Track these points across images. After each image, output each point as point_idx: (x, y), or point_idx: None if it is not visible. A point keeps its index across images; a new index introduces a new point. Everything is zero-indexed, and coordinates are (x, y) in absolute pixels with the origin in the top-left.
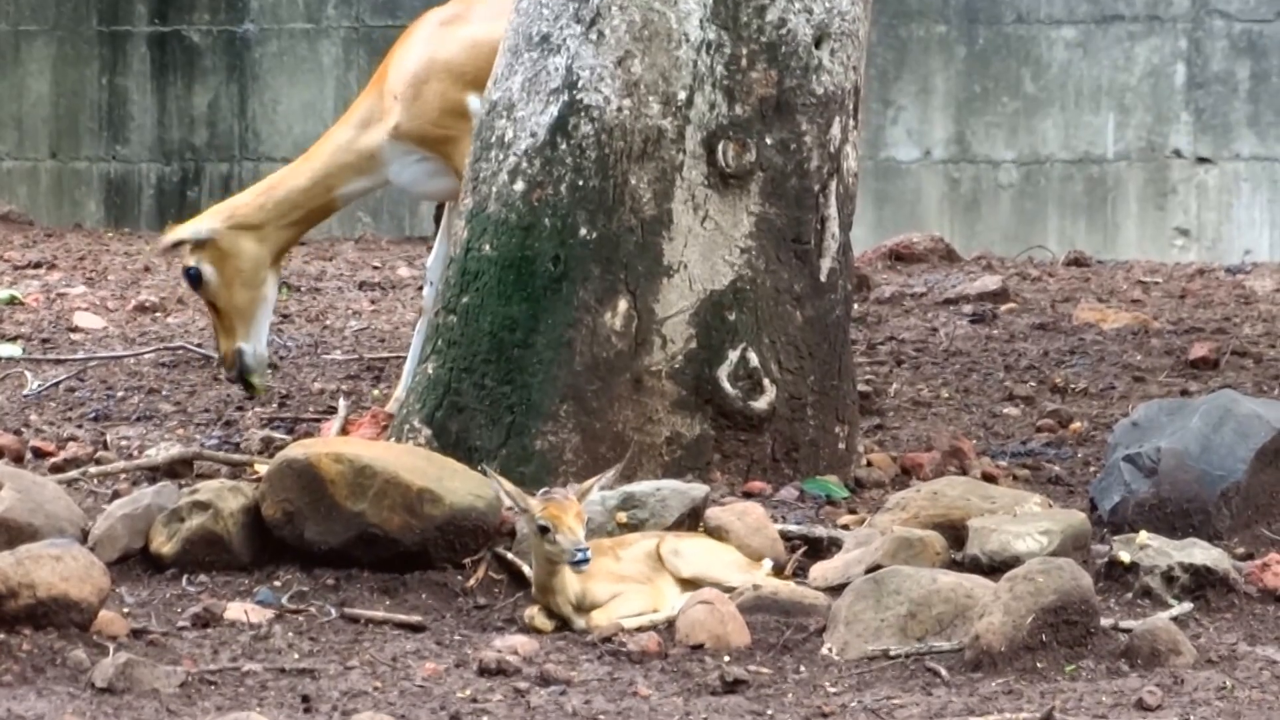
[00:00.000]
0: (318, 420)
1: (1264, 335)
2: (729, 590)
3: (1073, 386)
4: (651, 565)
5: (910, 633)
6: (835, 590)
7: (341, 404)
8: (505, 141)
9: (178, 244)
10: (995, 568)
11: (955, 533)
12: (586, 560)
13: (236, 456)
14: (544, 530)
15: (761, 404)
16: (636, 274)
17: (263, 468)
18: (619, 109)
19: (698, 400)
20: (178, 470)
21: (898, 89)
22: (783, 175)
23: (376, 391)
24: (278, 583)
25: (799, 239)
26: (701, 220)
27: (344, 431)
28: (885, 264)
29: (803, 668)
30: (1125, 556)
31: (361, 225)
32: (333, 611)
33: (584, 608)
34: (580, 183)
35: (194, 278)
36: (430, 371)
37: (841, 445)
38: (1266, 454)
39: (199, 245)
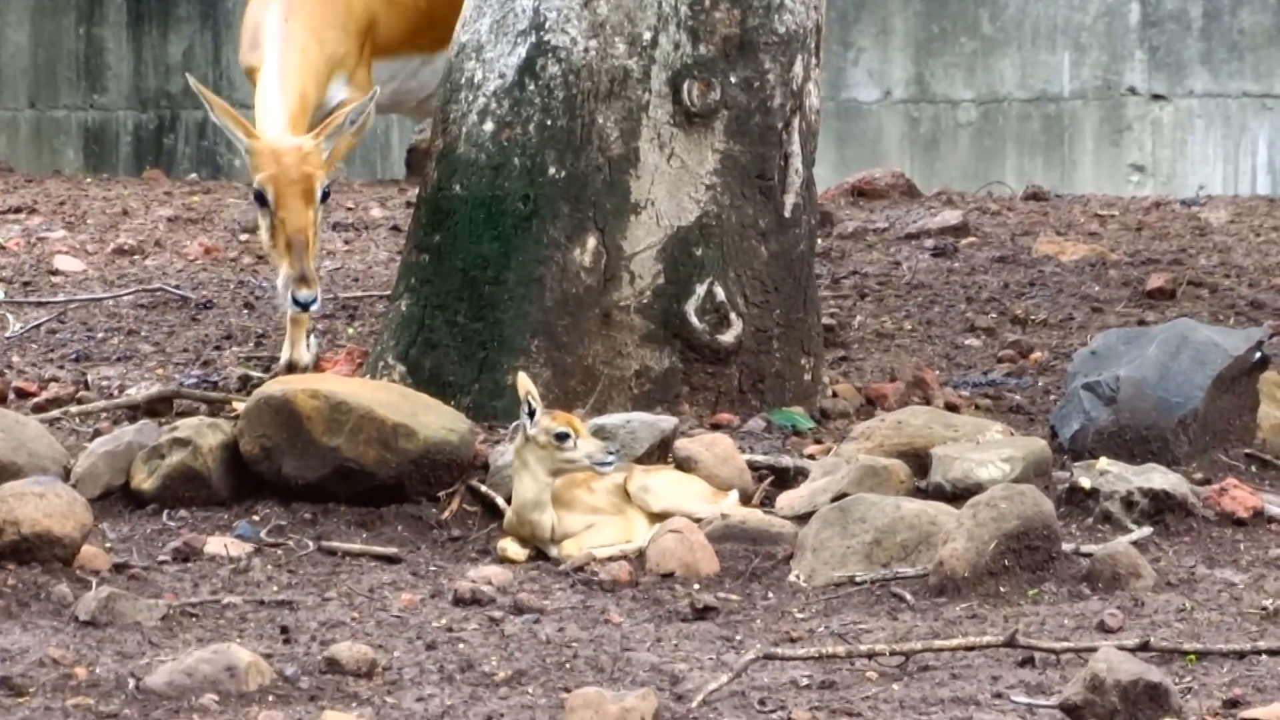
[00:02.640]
0: None
1: (1219, 266)
2: (698, 520)
3: (1032, 317)
4: (622, 497)
5: (876, 559)
6: (802, 519)
7: (311, 342)
8: (474, 83)
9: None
10: (958, 495)
11: (919, 461)
12: (612, 463)
13: (214, 394)
14: (563, 438)
15: (728, 337)
16: (605, 212)
17: (240, 405)
18: (585, 50)
19: (666, 334)
20: (158, 408)
21: (858, 30)
22: (747, 113)
23: (351, 330)
24: (256, 517)
25: (763, 175)
26: (668, 158)
27: (316, 369)
28: (848, 200)
29: (771, 594)
30: (1086, 482)
31: (335, 169)
32: (310, 545)
33: (558, 538)
34: (548, 122)
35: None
36: (403, 309)
37: (807, 377)
38: (1223, 381)
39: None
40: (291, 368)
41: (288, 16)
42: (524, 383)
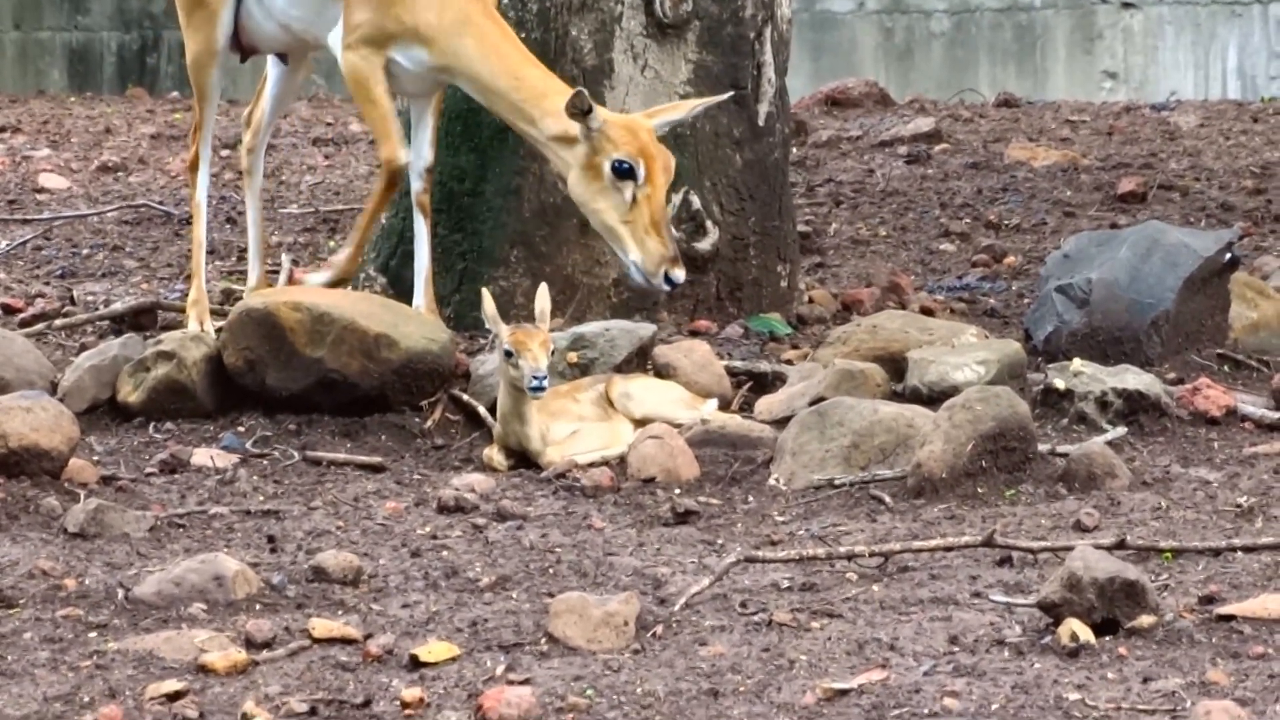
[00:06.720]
0: (275, 272)
1: (1189, 169)
2: (678, 426)
3: (1006, 222)
4: (606, 406)
5: (854, 462)
6: (780, 423)
7: (285, 259)
8: None
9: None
10: (934, 397)
11: (895, 365)
12: (543, 388)
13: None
14: (508, 355)
15: (705, 245)
16: None
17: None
18: None
19: None
20: (142, 321)
21: None
22: (719, 23)
23: (333, 243)
24: (241, 429)
25: (736, 85)
26: (641, 69)
27: (292, 283)
28: (821, 109)
29: (751, 498)
30: (1060, 384)
31: (315, 85)
32: (295, 455)
33: (545, 444)
34: (522, 35)
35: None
36: (384, 221)
37: (783, 283)
38: (1194, 282)
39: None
40: None
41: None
42: (487, 304)
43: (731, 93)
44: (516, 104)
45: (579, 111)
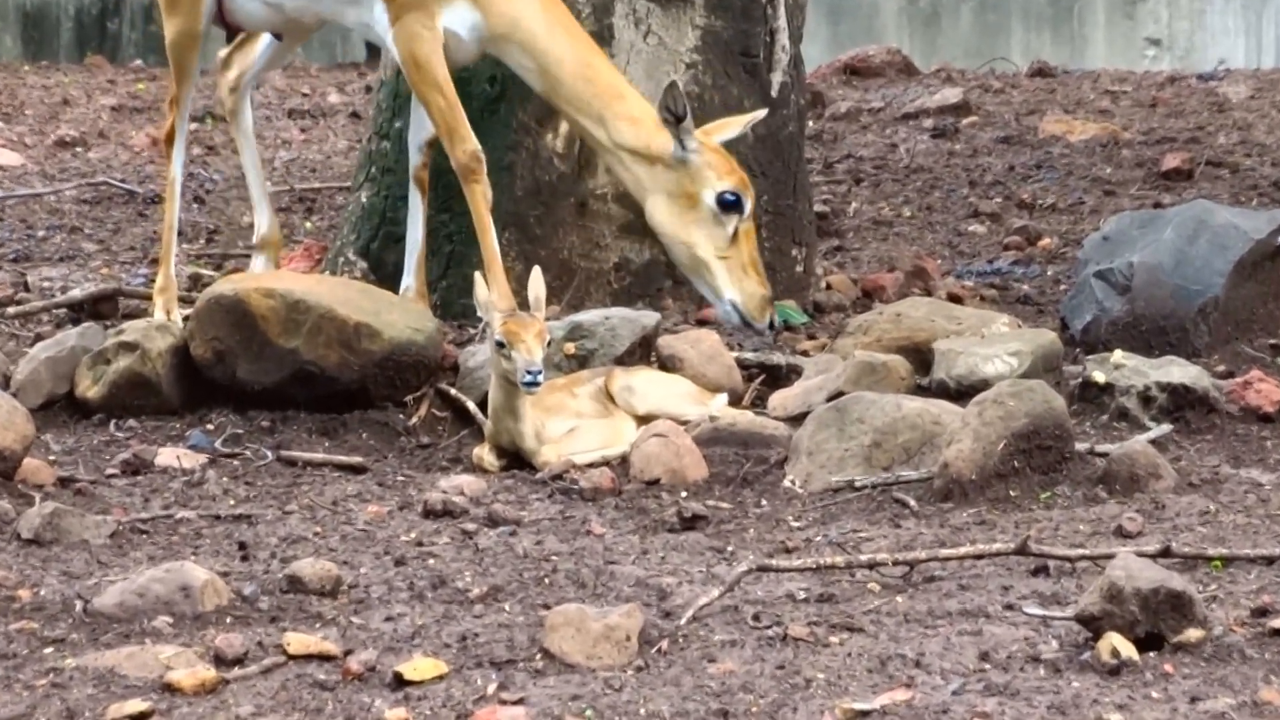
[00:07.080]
0: (247, 256)
1: (1239, 144)
2: (684, 422)
3: (1040, 202)
4: (606, 401)
5: (876, 462)
6: (796, 420)
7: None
8: None
9: None
10: (963, 392)
11: (920, 356)
12: (537, 382)
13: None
14: (500, 346)
15: None
16: None
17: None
18: None
19: (646, 224)
20: (102, 309)
21: None
22: None
23: (309, 224)
24: (210, 426)
25: (747, 52)
26: (644, 35)
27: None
28: (840, 79)
29: (764, 501)
30: (1100, 377)
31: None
32: (269, 454)
33: (541, 442)
34: None
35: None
36: (364, 201)
37: (799, 268)
38: (1245, 266)
39: None
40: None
41: None
42: (478, 289)
43: (765, 111)
44: (584, 96)
45: (672, 115)
